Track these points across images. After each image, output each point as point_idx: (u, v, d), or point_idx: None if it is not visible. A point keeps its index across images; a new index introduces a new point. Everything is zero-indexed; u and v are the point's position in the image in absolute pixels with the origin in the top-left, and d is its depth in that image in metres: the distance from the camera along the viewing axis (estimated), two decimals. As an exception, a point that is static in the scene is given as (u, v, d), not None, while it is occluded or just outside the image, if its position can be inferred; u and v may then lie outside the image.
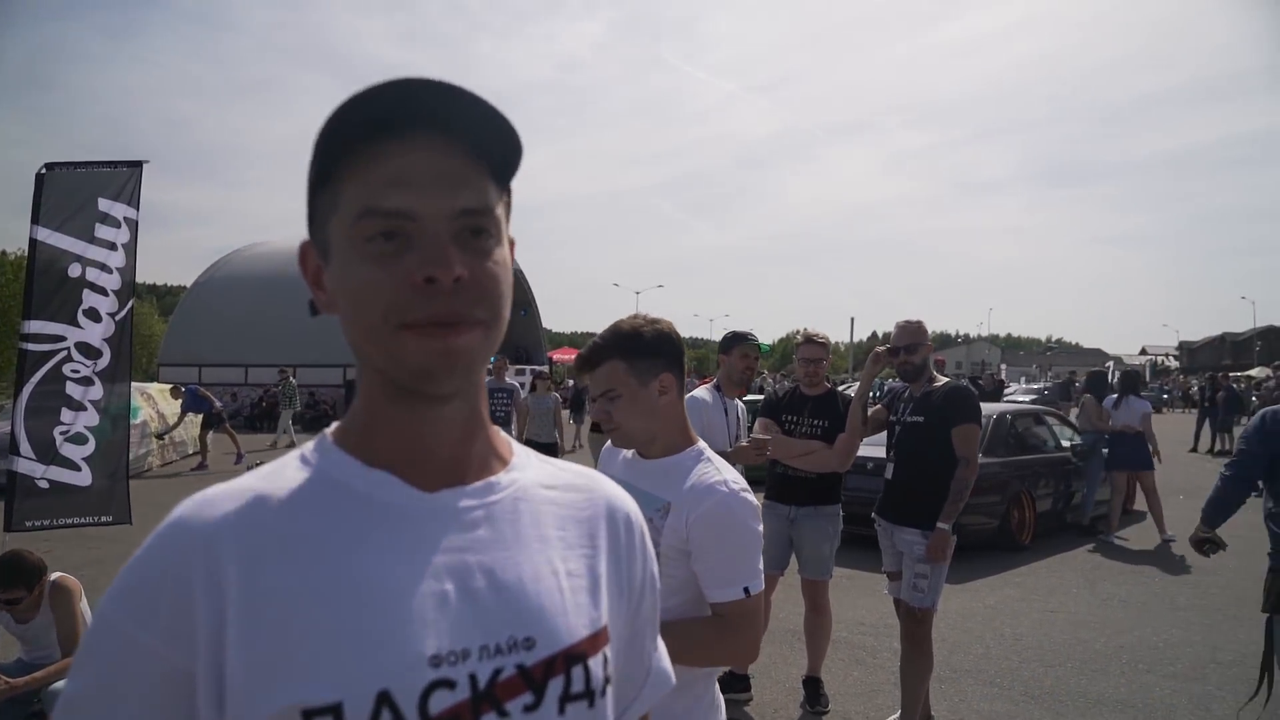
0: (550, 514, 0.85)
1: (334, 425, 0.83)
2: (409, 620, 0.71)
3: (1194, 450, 18.76)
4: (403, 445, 0.79)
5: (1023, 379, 54.24)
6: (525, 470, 0.86)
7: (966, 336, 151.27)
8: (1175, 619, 6.20)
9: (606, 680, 0.81)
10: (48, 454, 4.87)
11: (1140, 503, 10.93)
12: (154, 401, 14.91)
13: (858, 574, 7.20)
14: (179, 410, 14.73)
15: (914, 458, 4.06)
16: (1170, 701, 4.65)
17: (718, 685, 1.89)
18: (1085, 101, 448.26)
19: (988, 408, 9.42)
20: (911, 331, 4.13)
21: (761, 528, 1.84)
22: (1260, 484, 3.70)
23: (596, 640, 0.81)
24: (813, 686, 4.64)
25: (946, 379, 4.20)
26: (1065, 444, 9.83)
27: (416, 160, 0.73)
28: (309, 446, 0.81)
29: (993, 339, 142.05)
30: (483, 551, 0.77)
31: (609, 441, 2.12)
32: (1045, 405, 13.53)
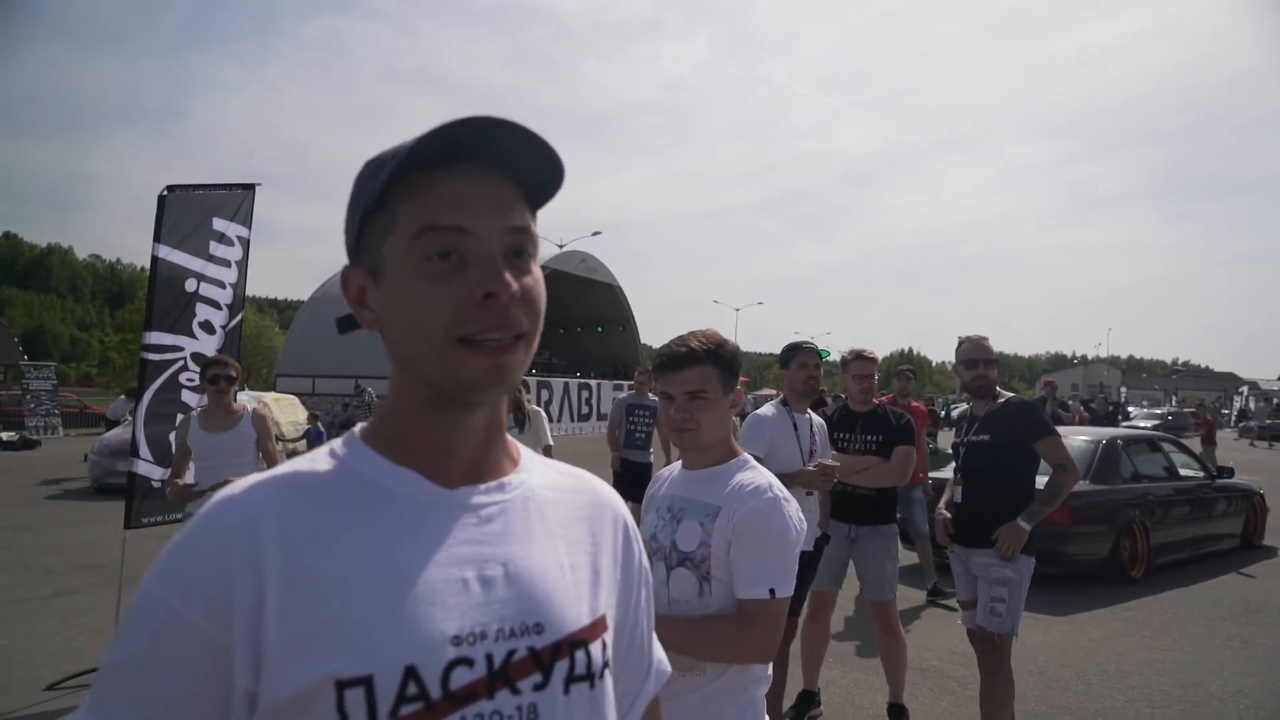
0: (554, 512, 0.92)
1: (360, 426, 0.90)
2: (433, 603, 0.78)
3: None
4: (430, 446, 0.86)
5: (1144, 403, 51.34)
6: (532, 472, 0.94)
7: (1084, 358, 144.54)
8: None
9: (605, 664, 0.89)
10: (165, 458, 5.18)
11: (1271, 538, 10.21)
12: (270, 409, 15.75)
13: (951, 601, 6.94)
14: (304, 432, 15.92)
15: (980, 478, 3.94)
16: (1292, 753, 4.30)
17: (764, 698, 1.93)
18: (1215, 113, 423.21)
19: (1097, 432, 9.00)
20: (984, 347, 4.04)
21: (797, 536, 1.90)
22: None
23: (596, 628, 0.89)
24: (897, 713, 4.51)
25: (1011, 394, 4.07)
26: (1184, 473, 9.27)
27: (469, 187, 0.81)
28: (338, 443, 0.88)
29: (1112, 360, 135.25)
30: (497, 544, 0.85)
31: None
32: (1168, 431, 12.73)
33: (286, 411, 16.40)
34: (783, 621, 1.86)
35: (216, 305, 5.32)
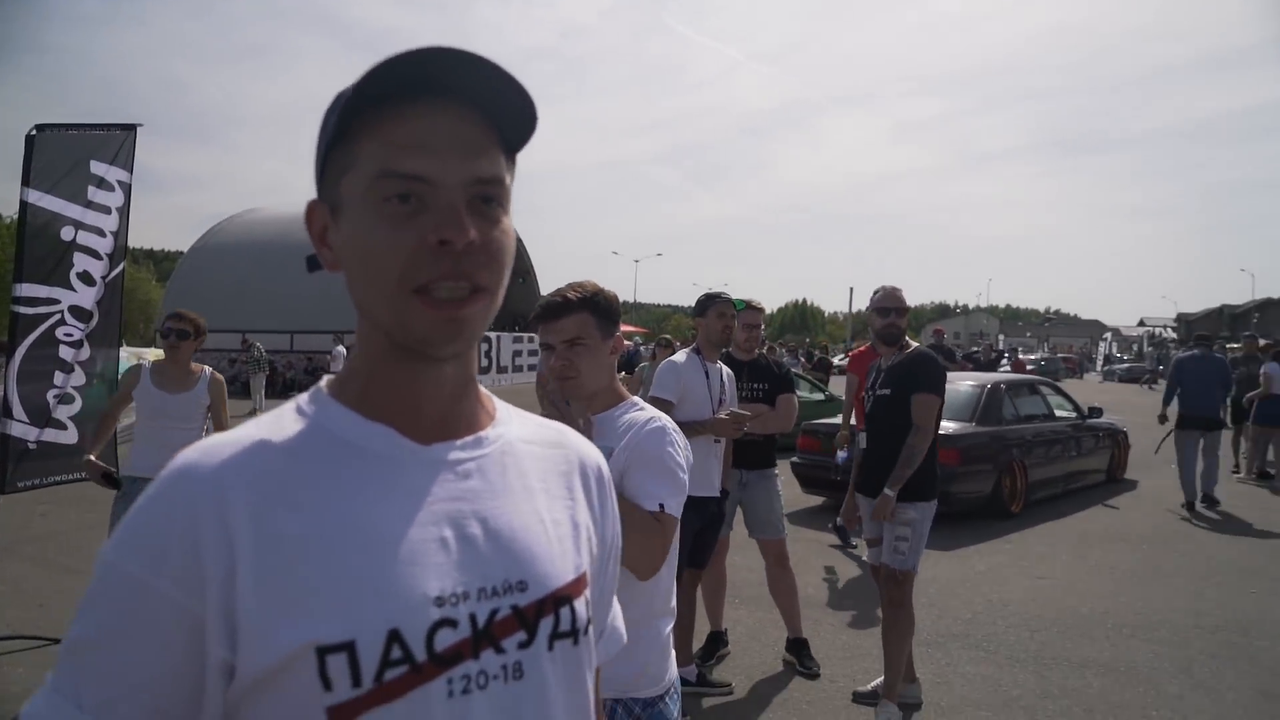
0: (533, 467, 0.90)
1: (327, 379, 0.87)
2: (414, 564, 0.76)
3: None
4: (400, 401, 0.82)
5: (1019, 350, 54.34)
6: (509, 425, 0.91)
7: (965, 307, 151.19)
8: (1161, 586, 6.27)
9: (589, 620, 0.87)
10: (41, 418, 4.89)
11: (1132, 471, 11.04)
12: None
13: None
14: None
15: (884, 430, 4.11)
16: (1153, 665, 4.72)
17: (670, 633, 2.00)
18: (1094, 73, 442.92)
19: (982, 377, 9.48)
20: (897, 296, 4.18)
21: (684, 461, 1.99)
22: None
23: (579, 584, 0.87)
24: (798, 648, 4.72)
25: (915, 345, 4.23)
26: (1059, 414, 9.89)
27: (435, 125, 0.76)
28: (304, 399, 0.84)
29: (992, 310, 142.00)
30: (475, 500, 0.82)
31: None
32: (1043, 375, 13.51)
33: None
34: (670, 538, 1.90)
35: (96, 255, 4.99)
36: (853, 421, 6.86)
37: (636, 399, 2.11)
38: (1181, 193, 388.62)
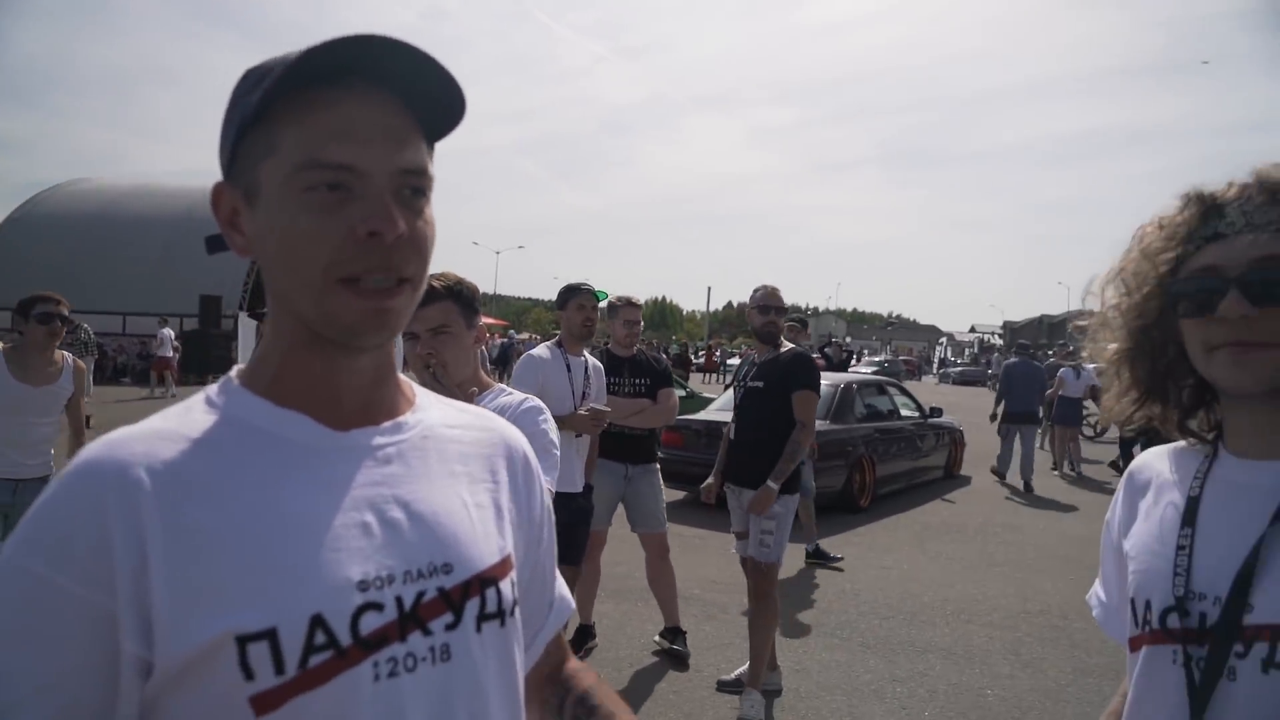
0: (454, 451, 0.90)
1: (237, 369, 0.85)
2: (335, 549, 0.75)
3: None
4: (315, 387, 0.81)
5: (865, 351, 57.29)
6: (429, 411, 0.91)
7: (815, 310, 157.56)
8: (992, 574, 6.78)
9: (515, 601, 0.88)
10: None
11: (967, 468, 11.85)
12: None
13: (709, 535, 7.47)
14: None
15: (754, 422, 4.24)
16: (987, 647, 5.11)
17: None
18: (931, 93, 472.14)
19: (835, 377, 9.94)
20: (777, 296, 4.32)
21: (555, 437, 2.07)
22: None
23: (504, 565, 0.87)
24: (674, 634, 4.83)
25: (791, 346, 4.38)
26: (904, 413, 10.49)
27: (362, 113, 0.75)
28: (213, 389, 0.82)
29: (839, 313, 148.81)
30: (397, 485, 0.82)
31: None
32: (887, 377, 14.33)
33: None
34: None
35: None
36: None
37: (504, 386, 2.18)
38: (1006, 209, 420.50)
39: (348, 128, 0.74)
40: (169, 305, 22.03)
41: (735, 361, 36.44)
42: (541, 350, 4.21)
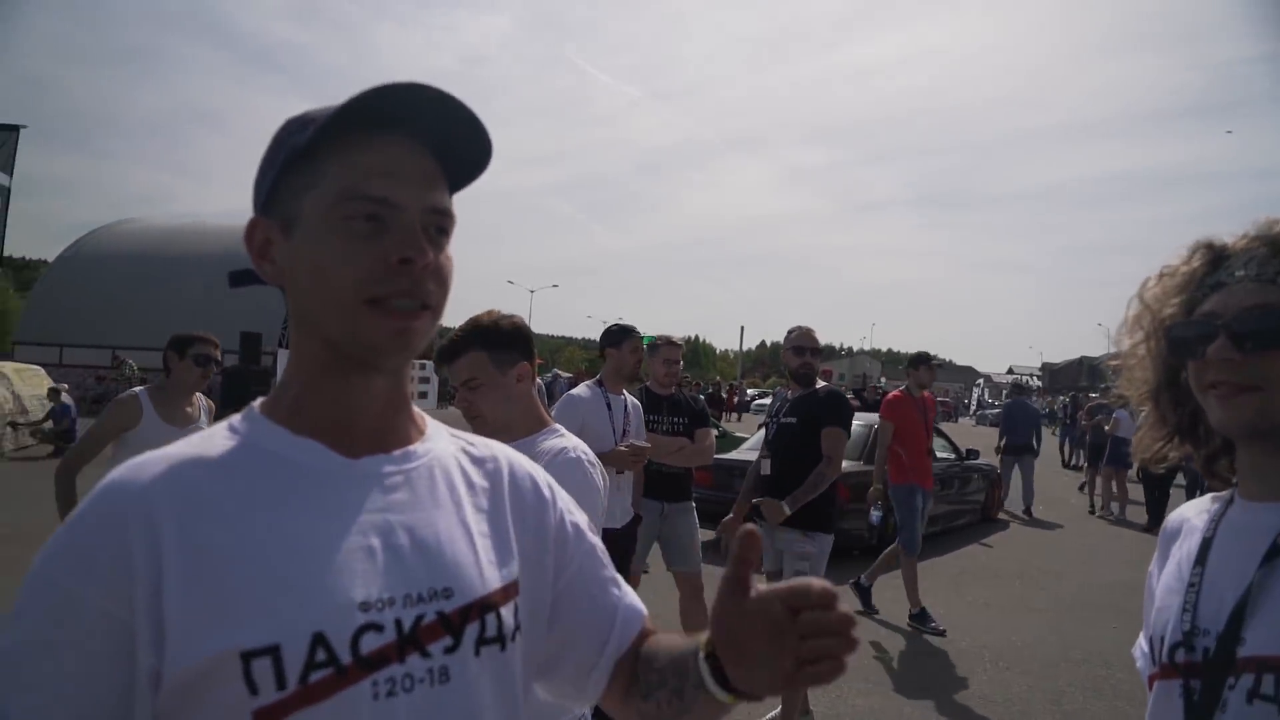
0: (461, 480, 0.93)
1: (260, 399, 0.89)
2: (340, 571, 0.78)
3: (1066, 465, 19.67)
4: (331, 415, 0.85)
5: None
6: (438, 441, 0.95)
7: (849, 350, 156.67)
8: (1031, 620, 6.63)
9: (516, 627, 0.90)
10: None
11: (1002, 512, 11.64)
12: (9, 381, 13.91)
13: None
14: (49, 410, 14.03)
15: (787, 458, 4.23)
16: (1027, 697, 4.97)
17: None
18: (964, 135, 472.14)
19: (869, 418, 9.84)
20: (814, 337, 4.36)
21: (598, 496, 1.99)
22: None
23: (507, 592, 0.90)
24: None
25: (825, 384, 4.40)
26: (940, 455, 10.34)
27: (400, 155, 0.82)
28: (237, 418, 0.87)
29: (874, 353, 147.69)
30: (403, 512, 0.85)
31: None
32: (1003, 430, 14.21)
33: (30, 384, 14.51)
34: None
35: (-35, 261, 4.65)
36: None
37: (557, 426, 2.12)
38: (1043, 251, 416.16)
39: (388, 167, 0.81)
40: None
41: (763, 400, 36.52)
42: (582, 390, 4.30)
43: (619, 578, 1.06)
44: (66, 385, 15.48)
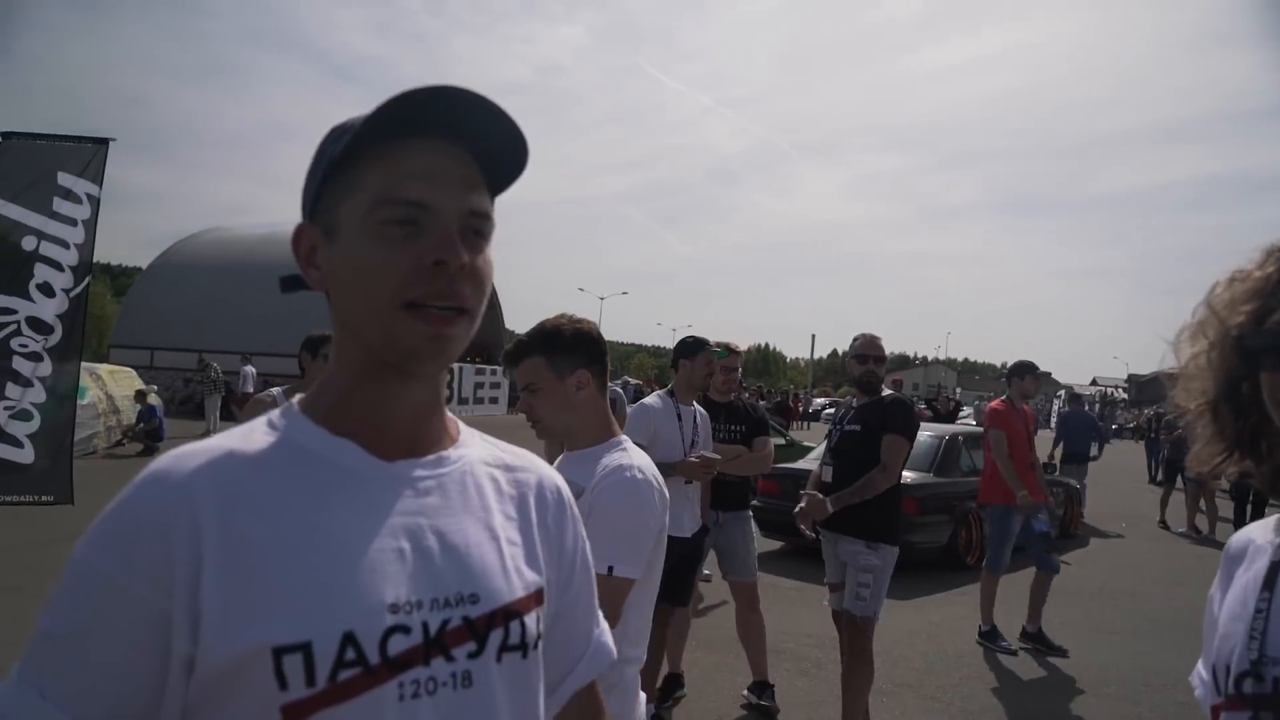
0: (491, 488, 0.94)
1: (299, 396, 0.91)
2: (371, 572, 0.80)
3: (1152, 481, 18.88)
4: (368, 417, 0.86)
5: (977, 402, 55.16)
6: (471, 448, 0.96)
7: (924, 359, 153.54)
8: (1111, 642, 6.36)
9: (539, 636, 0.91)
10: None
11: (1081, 528, 11.21)
12: (103, 382, 14.58)
13: (806, 587, 7.27)
14: (138, 412, 14.62)
15: (849, 465, 4.16)
16: (1102, 722, 4.76)
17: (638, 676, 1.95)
18: (1044, 138, 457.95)
19: (940, 429, 9.62)
20: (879, 344, 4.27)
21: (650, 516, 1.92)
22: None
23: (531, 600, 0.91)
24: (762, 689, 4.70)
25: (891, 392, 4.31)
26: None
27: (435, 159, 0.83)
28: (276, 414, 0.88)
29: (949, 363, 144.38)
30: (434, 516, 0.86)
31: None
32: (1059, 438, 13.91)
33: (122, 385, 15.22)
34: (620, 602, 1.83)
35: (58, 266, 4.89)
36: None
37: (622, 438, 2.06)
38: (1128, 258, 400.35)
39: (423, 170, 0.82)
40: (291, 345, 23.24)
41: (822, 407, 35.87)
42: (653, 399, 4.33)
43: (601, 615, 1.09)
44: (155, 387, 16.14)
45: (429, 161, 0.82)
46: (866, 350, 4.24)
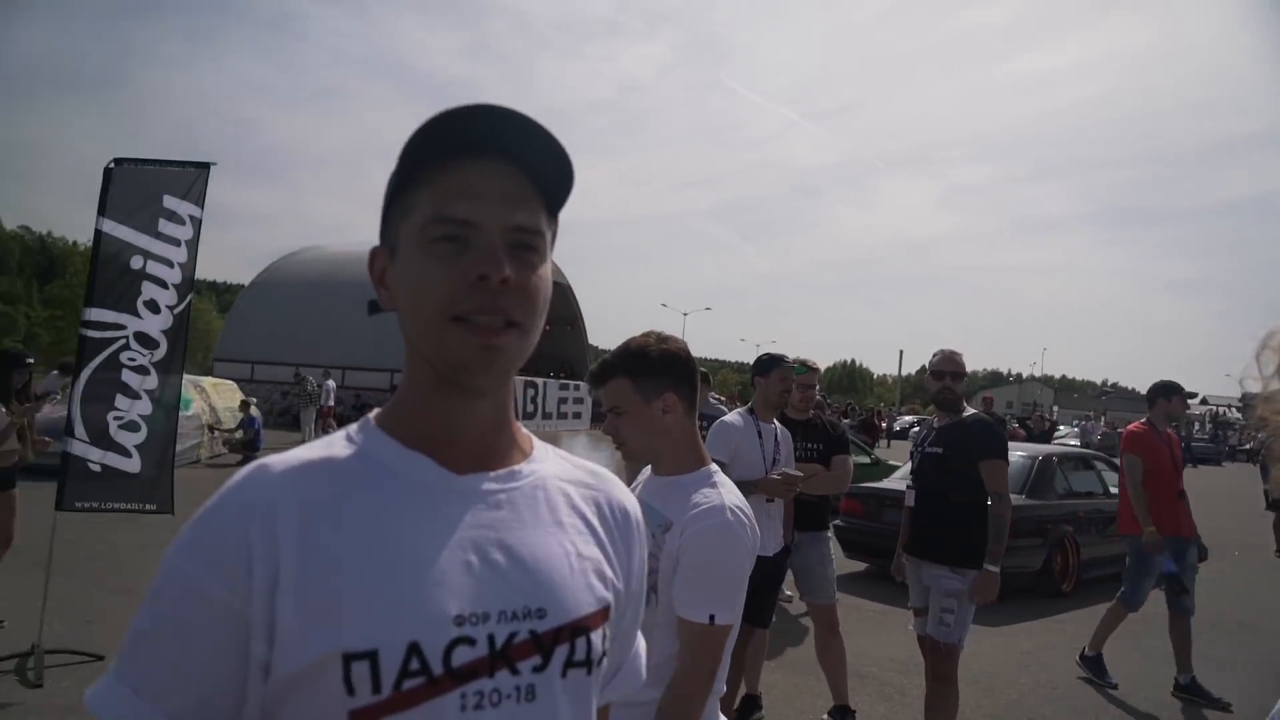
0: (564, 503, 0.95)
1: (376, 410, 0.93)
2: (438, 583, 0.81)
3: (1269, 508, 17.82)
4: (438, 432, 0.88)
5: (1075, 422, 52.88)
6: (544, 463, 0.96)
7: (1018, 376, 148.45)
8: (1220, 677, 5.97)
9: (604, 653, 0.92)
10: (101, 439, 4.99)
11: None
12: (206, 395, 15.30)
13: (890, 609, 7.08)
14: (239, 421, 15.27)
15: (933, 490, 4.03)
16: (1210, 763, 4.47)
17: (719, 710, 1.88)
18: (1149, 145, 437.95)
19: (1033, 448, 9.26)
20: (956, 360, 4.13)
21: (749, 565, 1.84)
22: None
23: (599, 617, 0.92)
24: (843, 714, 4.58)
25: (973, 412, 4.16)
26: (1114, 491, 9.57)
27: (483, 178, 0.85)
28: (353, 428, 0.91)
29: (1046, 380, 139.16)
30: (503, 530, 0.87)
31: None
32: (1100, 450, 13.27)
33: (224, 397, 15.97)
34: (721, 648, 1.78)
35: (163, 284, 5.13)
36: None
37: (713, 468, 1.96)
38: (1239, 270, 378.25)
39: (470, 189, 0.84)
40: (383, 360, 23.95)
41: (909, 425, 34.84)
42: (734, 417, 4.29)
43: (641, 637, 1.10)
44: (255, 399, 16.82)
45: (474, 180, 0.84)
46: (943, 366, 4.12)
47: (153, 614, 0.78)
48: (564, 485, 0.96)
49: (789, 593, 6.80)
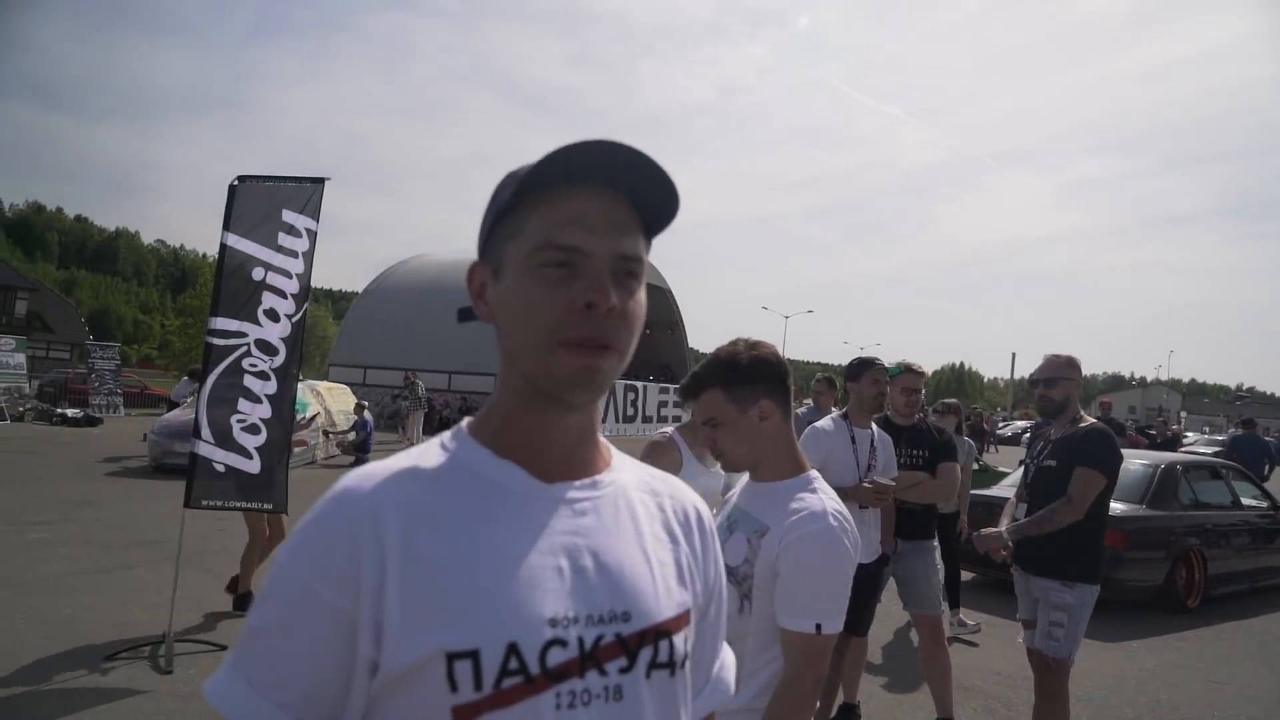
0: (643, 510, 0.99)
1: (467, 420, 0.98)
2: (533, 587, 0.85)
3: None
4: (530, 442, 0.93)
5: (1206, 429, 49.74)
6: (623, 472, 1.00)
7: (1143, 380, 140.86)
8: (1367, 706, 5.53)
9: (686, 656, 0.95)
10: (225, 440, 5.31)
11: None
12: (322, 398, 16.02)
13: (998, 621, 6.83)
14: (353, 424, 15.92)
15: (1044, 504, 3.85)
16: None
17: None
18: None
19: (1155, 457, 8.77)
20: (1053, 365, 3.95)
21: (852, 570, 1.81)
22: None
23: (680, 620, 0.95)
24: None
25: (1092, 421, 3.95)
26: (1246, 503, 8.99)
27: (591, 206, 0.88)
28: (447, 436, 0.96)
29: (1173, 383, 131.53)
30: (590, 536, 0.91)
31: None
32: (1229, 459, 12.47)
33: (338, 401, 16.70)
34: (827, 657, 1.77)
35: (282, 294, 5.43)
36: None
37: (813, 474, 1.93)
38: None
39: (580, 217, 0.87)
40: (488, 365, 24.55)
41: (1022, 431, 33.25)
42: (826, 423, 4.23)
43: (728, 648, 1.11)
44: (368, 403, 17.51)
45: (584, 208, 0.87)
46: (1039, 373, 3.97)
47: (266, 613, 0.83)
48: (643, 494, 1.00)
49: (970, 623, 6.61)
